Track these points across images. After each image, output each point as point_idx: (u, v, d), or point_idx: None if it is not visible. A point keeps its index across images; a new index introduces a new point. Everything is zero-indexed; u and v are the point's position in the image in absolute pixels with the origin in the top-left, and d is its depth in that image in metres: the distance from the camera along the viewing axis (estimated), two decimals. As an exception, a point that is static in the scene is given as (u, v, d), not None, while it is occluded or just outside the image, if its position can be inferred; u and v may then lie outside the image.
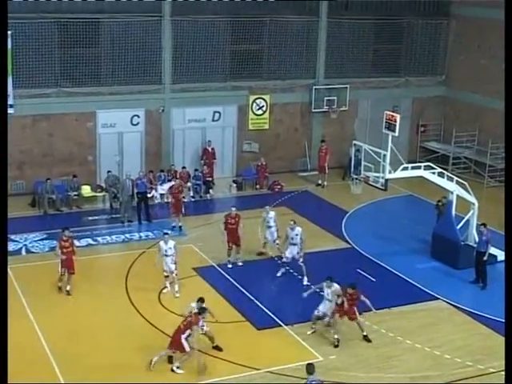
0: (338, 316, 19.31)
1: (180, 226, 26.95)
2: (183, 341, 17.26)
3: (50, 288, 21.77)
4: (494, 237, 25.35)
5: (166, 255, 21.51)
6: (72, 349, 18.48)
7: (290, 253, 22.81)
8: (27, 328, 19.35)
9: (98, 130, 30.85)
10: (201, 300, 18.27)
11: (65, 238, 21.64)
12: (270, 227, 24.36)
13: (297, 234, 22.75)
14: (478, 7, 34.14)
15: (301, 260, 22.68)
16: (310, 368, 15.02)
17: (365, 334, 19.54)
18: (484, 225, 23.32)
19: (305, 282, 22.31)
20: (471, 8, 34.71)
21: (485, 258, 22.80)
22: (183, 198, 27.88)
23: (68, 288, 21.60)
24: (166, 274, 21.76)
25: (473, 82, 35.10)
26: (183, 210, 27.14)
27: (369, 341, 19.40)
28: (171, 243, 21.66)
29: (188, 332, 17.32)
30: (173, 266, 21.55)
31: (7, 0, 19.02)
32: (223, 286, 22.23)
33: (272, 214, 24.57)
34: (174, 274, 21.62)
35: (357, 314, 19.43)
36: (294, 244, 22.74)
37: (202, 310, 17.82)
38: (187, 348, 17.27)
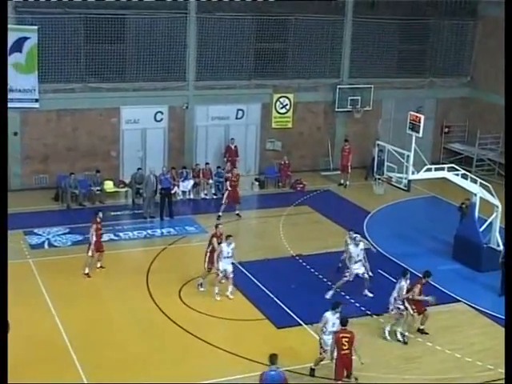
0: (415, 311, 19.41)
1: (238, 214, 27.64)
2: None
3: (71, 281, 21.90)
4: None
5: (228, 257, 21.20)
6: (92, 342, 18.59)
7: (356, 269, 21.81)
8: (48, 320, 19.48)
9: (122, 125, 30.98)
10: None
11: (98, 220, 22.77)
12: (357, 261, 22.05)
13: (361, 250, 21.81)
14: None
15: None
16: (273, 358, 14.99)
17: (422, 327, 19.81)
18: None
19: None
20: (499, 8, 34.36)
21: None
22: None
23: (98, 265, 22.72)
24: (219, 273, 21.29)
25: (498, 83, 34.76)
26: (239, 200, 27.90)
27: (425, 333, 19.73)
28: (233, 245, 21.39)
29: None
30: (230, 268, 21.38)
31: (7, 0, 19.23)
32: (244, 284, 22.19)
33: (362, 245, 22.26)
34: (231, 275, 21.35)
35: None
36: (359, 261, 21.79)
37: None
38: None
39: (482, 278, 23.32)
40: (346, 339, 16.24)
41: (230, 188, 27.84)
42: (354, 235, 22.15)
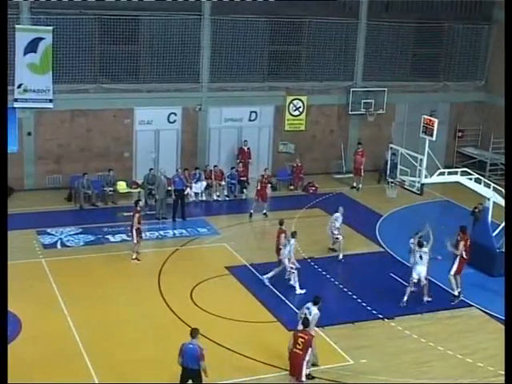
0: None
1: (265, 213, 28.21)
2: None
3: (83, 281, 21.95)
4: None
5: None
6: (103, 342, 18.63)
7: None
8: (61, 320, 19.52)
9: (135, 126, 31.07)
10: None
11: (139, 209, 23.87)
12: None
13: (426, 252, 21.55)
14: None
15: None
16: (194, 332, 15.59)
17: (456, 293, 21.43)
18: None
19: None
20: (513, 13, 34.30)
21: None
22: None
23: (134, 256, 23.74)
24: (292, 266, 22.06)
25: (513, 88, 34.69)
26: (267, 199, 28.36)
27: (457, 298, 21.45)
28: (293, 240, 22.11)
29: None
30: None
31: (7, 0, 19.29)
32: (255, 286, 22.20)
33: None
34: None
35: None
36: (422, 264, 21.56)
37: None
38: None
39: (494, 283, 23.19)
40: (302, 340, 16.14)
41: (259, 187, 28.26)
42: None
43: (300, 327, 16.67)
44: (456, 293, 21.89)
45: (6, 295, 14.39)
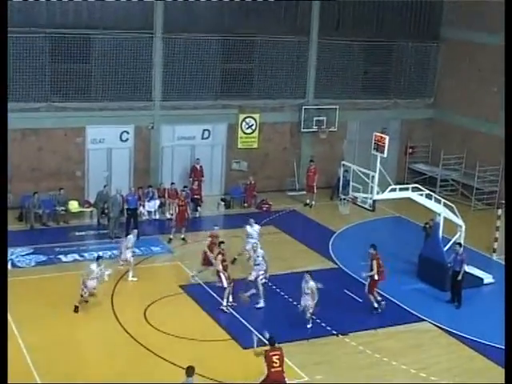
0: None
1: (183, 238, 27.47)
2: None
3: (35, 302, 21.63)
4: (481, 260, 25.56)
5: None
6: (56, 364, 18.37)
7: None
8: (12, 342, 19.12)
9: (87, 145, 30.84)
10: None
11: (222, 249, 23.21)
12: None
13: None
14: (468, 31, 34.47)
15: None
16: (189, 371, 15.39)
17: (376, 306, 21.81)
18: (460, 244, 23.56)
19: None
20: (461, 31, 35.02)
21: (459, 278, 22.87)
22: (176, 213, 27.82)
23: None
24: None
25: (461, 104, 35.35)
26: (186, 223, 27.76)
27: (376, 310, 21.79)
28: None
29: None
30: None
31: (7, 0, 19.04)
32: (209, 305, 22.13)
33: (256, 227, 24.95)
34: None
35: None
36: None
37: None
38: None
39: (446, 298, 23.51)
40: (277, 357, 16.34)
41: (177, 211, 27.47)
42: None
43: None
44: (376, 305, 22.26)
45: (6, 295, 14.18)
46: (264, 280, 22.49)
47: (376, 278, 22.15)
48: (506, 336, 15.14)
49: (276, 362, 16.31)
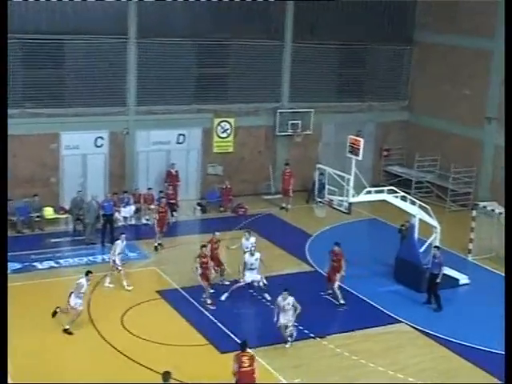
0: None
1: (160, 244, 27.33)
2: None
3: (10, 311, 21.32)
4: (456, 260, 25.70)
5: (252, 268, 22.72)
6: (33, 374, 18.17)
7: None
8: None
9: (62, 151, 30.65)
10: None
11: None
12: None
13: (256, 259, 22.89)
14: (440, 34, 34.74)
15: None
16: (166, 376, 15.49)
17: (342, 302, 22.17)
18: (437, 247, 23.66)
19: None
20: (433, 35, 35.28)
21: (438, 281, 22.98)
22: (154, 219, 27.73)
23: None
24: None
25: (435, 107, 35.58)
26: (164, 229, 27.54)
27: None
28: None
29: None
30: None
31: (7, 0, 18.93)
32: (186, 310, 22.07)
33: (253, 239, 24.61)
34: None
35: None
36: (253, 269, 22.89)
37: None
38: None
39: (422, 299, 23.59)
40: (247, 357, 16.50)
41: (157, 217, 27.33)
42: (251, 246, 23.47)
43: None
44: (343, 301, 22.72)
45: (6, 295, 14.04)
46: (261, 284, 22.90)
47: (343, 273, 22.73)
48: (506, 337, 15.17)
49: (245, 362, 16.36)
